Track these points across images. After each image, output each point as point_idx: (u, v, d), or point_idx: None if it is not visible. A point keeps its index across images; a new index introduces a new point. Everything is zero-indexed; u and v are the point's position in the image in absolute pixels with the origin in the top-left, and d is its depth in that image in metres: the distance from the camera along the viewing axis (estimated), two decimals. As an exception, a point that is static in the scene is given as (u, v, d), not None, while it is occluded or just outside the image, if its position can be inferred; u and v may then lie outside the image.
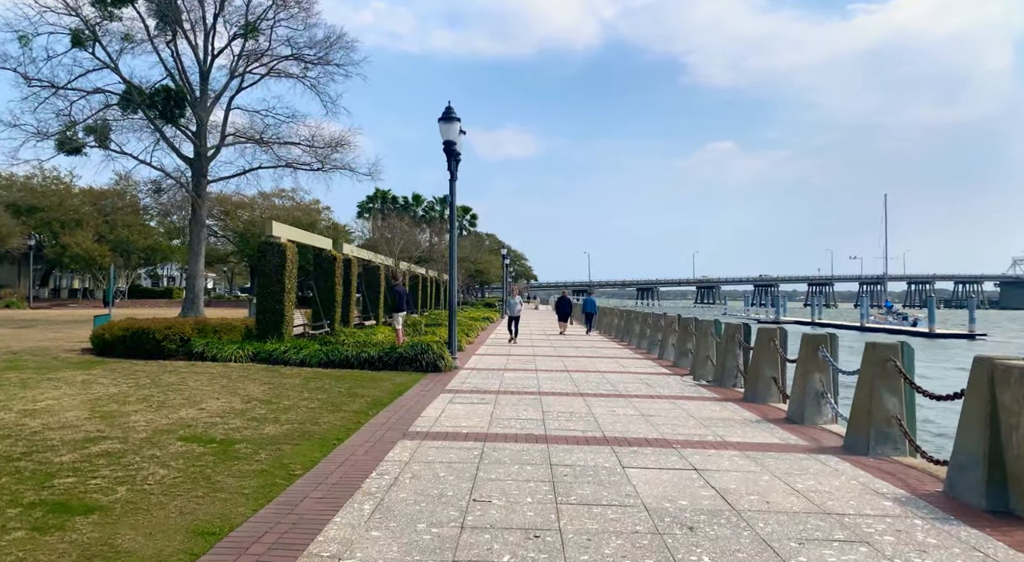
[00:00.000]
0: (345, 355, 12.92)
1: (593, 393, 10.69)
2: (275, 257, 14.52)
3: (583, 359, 16.68)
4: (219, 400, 8.78)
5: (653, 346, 18.62)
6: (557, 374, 13.24)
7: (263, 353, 13.24)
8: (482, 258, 75.35)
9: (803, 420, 8.34)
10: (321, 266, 18.33)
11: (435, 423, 7.88)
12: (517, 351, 18.69)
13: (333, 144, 29.23)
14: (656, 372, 14.21)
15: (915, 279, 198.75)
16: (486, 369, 13.92)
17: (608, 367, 14.88)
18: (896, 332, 53.81)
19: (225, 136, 28.33)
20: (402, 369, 12.80)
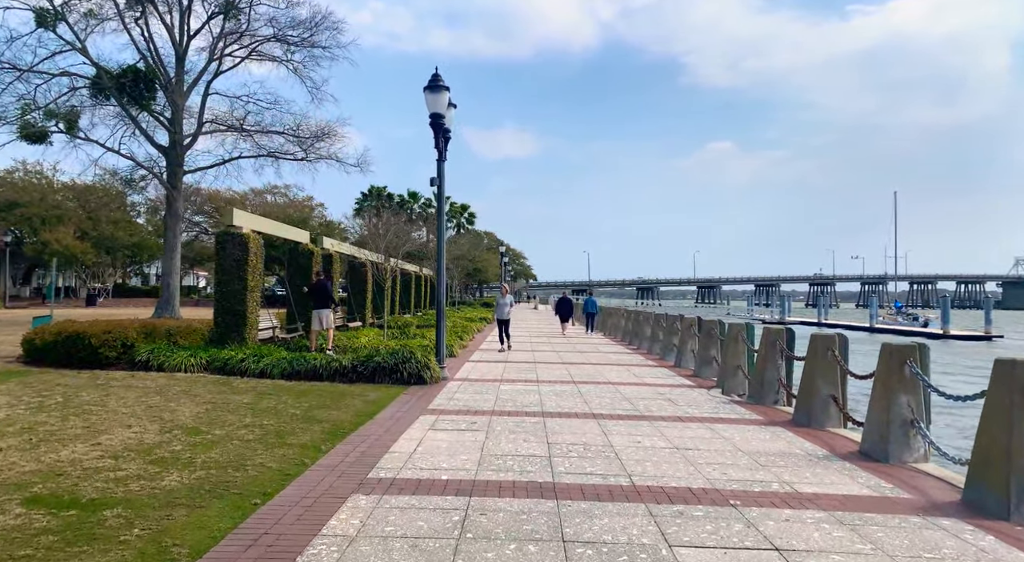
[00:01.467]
0: (312, 365, 10.97)
1: (608, 414, 8.75)
2: (236, 250, 12.58)
3: (590, 367, 14.75)
4: (130, 429, 6.83)
5: (668, 352, 16.70)
6: (562, 386, 11.31)
7: (218, 362, 11.30)
8: (480, 256, 73.35)
9: (887, 456, 6.41)
10: (296, 262, 16.39)
11: (406, 463, 5.95)
12: (516, 357, 16.75)
13: (319, 133, 27.28)
14: (676, 384, 12.27)
15: (917, 279, 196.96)
16: (479, 380, 11.99)
17: (620, 377, 12.94)
18: (908, 334, 51.95)
19: (202, 123, 26.34)
20: (380, 381, 10.87)
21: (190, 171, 27.02)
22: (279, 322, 15.72)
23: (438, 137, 11.68)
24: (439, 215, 12.01)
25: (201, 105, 26.36)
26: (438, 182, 11.93)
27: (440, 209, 12.02)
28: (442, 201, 12.02)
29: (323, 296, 15.34)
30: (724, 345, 12.01)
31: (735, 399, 10.52)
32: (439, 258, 12.02)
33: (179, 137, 25.94)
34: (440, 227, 12.03)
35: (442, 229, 12.03)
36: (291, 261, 16.58)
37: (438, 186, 11.97)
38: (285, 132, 27.46)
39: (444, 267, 11.96)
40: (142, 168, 25.80)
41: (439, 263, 12.01)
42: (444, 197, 12.03)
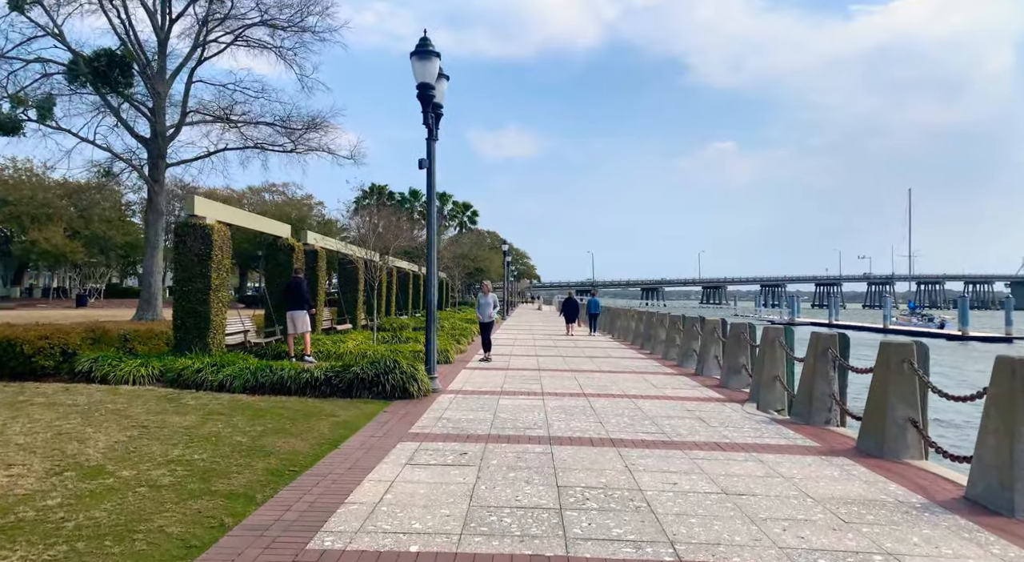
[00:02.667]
0: (279, 376, 9.38)
1: (630, 439, 7.14)
2: (198, 243, 11.01)
3: (601, 375, 13.13)
4: (8, 470, 5.24)
5: (687, 358, 15.07)
6: (572, 401, 9.70)
7: (171, 372, 9.72)
8: (483, 256, 71.77)
9: (1013, 508, 4.79)
10: (275, 258, 14.81)
11: (365, 522, 4.35)
12: (518, 363, 15.14)
13: (310, 124, 25.72)
14: (703, 397, 10.64)
15: (924, 279, 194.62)
16: (476, 392, 10.39)
17: (637, 388, 11.32)
18: (924, 335, 50.19)
19: (186, 113, 24.82)
20: (358, 396, 9.27)
21: (173, 164, 25.49)
22: (255, 325, 14.15)
23: (427, 112, 10.09)
24: (429, 202, 10.41)
25: (184, 93, 24.85)
26: (427, 164, 10.34)
27: (430, 195, 10.42)
28: (432, 185, 10.42)
29: (297, 296, 13.77)
30: (758, 352, 10.38)
31: (776, 417, 8.89)
32: (429, 251, 10.43)
33: (161, 127, 24.42)
34: (430, 216, 10.44)
35: (432, 219, 10.44)
36: (269, 258, 15.01)
37: (427, 169, 10.38)
38: (275, 123, 25.93)
39: (435, 262, 10.37)
40: (120, 160, 24.27)
41: (429, 257, 10.41)
42: (434, 182, 10.43)
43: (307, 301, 13.91)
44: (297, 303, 13.85)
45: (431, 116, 10.26)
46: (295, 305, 13.85)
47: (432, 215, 10.44)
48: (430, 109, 10.10)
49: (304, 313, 13.81)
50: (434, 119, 10.36)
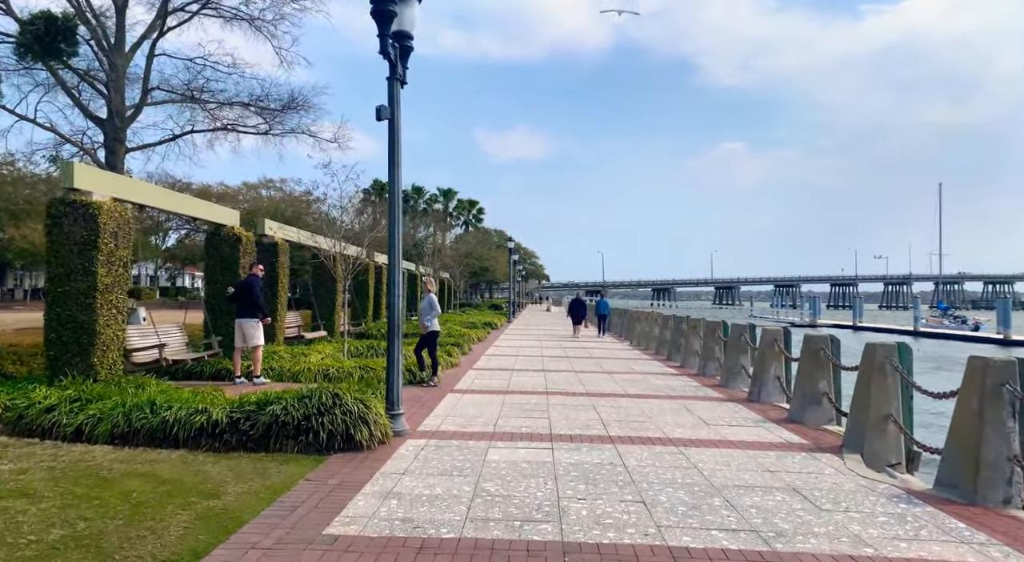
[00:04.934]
0: (163, 418, 6.36)
1: (702, 548, 4.10)
2: (79, 228, 8.04)
3: (629, 402, 10.07)
4: None
5: (734, 376, 11.97)
6: (595, 452, 6.65)
7: (13, 411, 6.73)
8: (488, 255, 68.73)
9: None
10: (217, 252, 11.84)
11: None
12: (521, 382, 12.10)
13: (288, 103, 22.76)
14: (778, 442, 7.55)
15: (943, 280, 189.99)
16: (458, 435, 7.38)
17: (681, 425, 8.25)
18: (960, 339, 46.78)
19: (148, 91, 21.90)
20: (278, 448, 6.26)
21: (134, 148, 22.58)
22: (186, 337, 11.19)
23: (384, 35, 7.07)
24: (391, 167, 7.39)
25: (146, 68, 21.90)
26: (389, 113, 7.32)
27: (392, 157, 7.39)
28: (396, 143, 7.39)
29: (247, 301, 10.81)
30: (857, 380, 7.29)
31: (911, 487, 5.81)
32: (391, 235, 7.42)
33: (119, 106, 21.48)
34: (393, 186, 7.42)
35: (396, 190, 7.42)
36: (210, 251, 12.03)
37: (390, 121, 7.36)
38: (250, 103, 22.97)
39: (398, 247, 7.35)
40: (69, 143, 21.39)
41: (391, 243, 7.40)
42: (399, 139, 7.41)
43: (259, 307, 10.96)
44: (247, 309, 10.92)
45: (392, 46, 7.24)
46: (245, 312, 10.94)
47: (395, 188, 7.43)
48: (388, 33, 7.08)
49: (255, 322, 10.88)
50: (398, 52, 7.34)
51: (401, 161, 7.48)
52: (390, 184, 7.43)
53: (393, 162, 7.43)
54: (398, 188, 7.45)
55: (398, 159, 7.44)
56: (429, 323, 11.22)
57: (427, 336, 11.29)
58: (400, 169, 7.47)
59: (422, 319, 11.44)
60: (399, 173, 7.46)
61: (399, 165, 7.45)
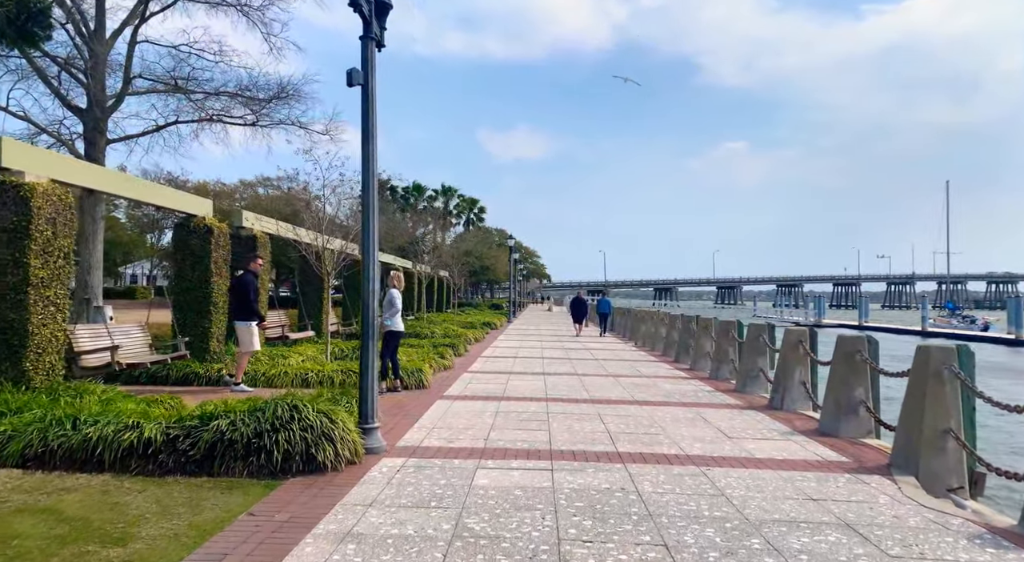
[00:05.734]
0: (85, 436, 5.32)
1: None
2: (9, 213, 7.00)
3: (638, 409, 9.04)
4: None
5: (752, 381, 10.93)
6: (601, 474, 5.62)
7: (-85, 426, 5.70)
8: (489, 253, 67.68)
9: None
10: (185, 245, 10.82)
11: None
12: (519, 387, 11.07)
13: (277, 92, 21.73)
14: (815, 460, 6.50)
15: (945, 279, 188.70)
16: (443, 452, 6.36)
17: (700, 439, 7.22)
18: (969, 339, 45.69)
19: (130, 79, 20.89)
20: (224, 471, 5.23)
21: (116, 140, 21.57)
22: (148, 336, 10.16)
23: (356, -14, 6.04)
24: (364, 140, 6.36)
25: (127, 55, 20.91)
26: (363, 78, 6.30)
27: (368, 130, 6.36)
28: (369, 115, 6.36)
29: (241, 301, 9.94)
30: (907, 390, 6.25)
31: (992, 523, 4.77)
32: (365, 221, 6.39)
33: (100, 96, 20.48)
34: (367, 163, 6.39)
35: (370, 167, 6.39)
36: (178, 244, 11.01)
37: (363, 86, 6.34)
38: (238, 93, 21.95)
39: (373, 239, 6.32)
40: (45, 133, 20.40)
41: (364, 231, 6.37)
42: (374, 110, 6.38)
43: (252, 309, 9.95)
44: (240, 311, 9.97)
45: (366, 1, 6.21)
46: (238, 313, 10.00)
47: (370, 161, 6.40)
48: (362, -17, 6.05)
49: (248, 325, 9.88)
50: (373, 7, 6.30)
51: (376, 134, 6.45)
52: (364, 160, 6.40)
53: (368, 134, 6.40)
54: (373, 165, 6.42)
55: (373, 131, 6.42)
56: (388, 322, 10.07)
57: (385, 337, 10.13)
58: (375, 143, 6.44)
59: (386, 315, 10.24)
60: (374, 148, 6.43)
61: (374, 138, 6.42)
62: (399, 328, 10.26)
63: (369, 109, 6.38)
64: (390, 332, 10.07)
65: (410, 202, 69.59)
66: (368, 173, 6.41)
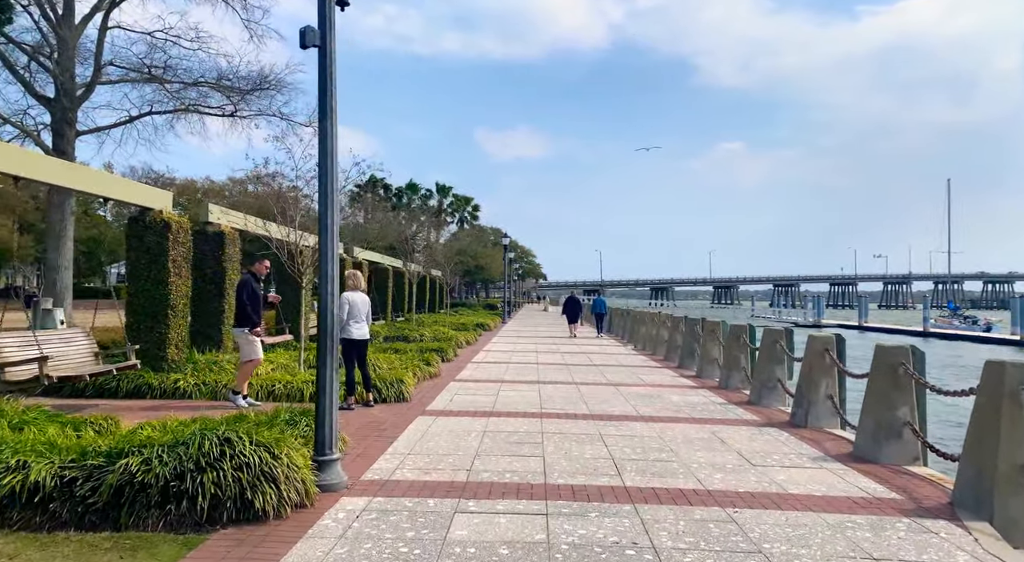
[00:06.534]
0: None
1: None
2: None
3: (645, 428, 8.00)
4: None
5: (769, 391, 9.90)
6: (607, 516, 4.58)
7: None
8: (484, 252, 66.59)
9: None
10: (141, 240, 9.72)
11: None
12: (510, 399, 10.02)
13: (258, 82, 20.65)
14: (863, 498, 5.46)
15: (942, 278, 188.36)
16: (416, 488, 5.31)
17: (721, 467, 6.18)
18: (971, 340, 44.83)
19: (101, 67, 19.79)
20: (135, 524, 4.15)
21: (86, 131, 20.48)
22: (95, 344, 9.07)
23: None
24: (323, 114, 5.30)
25: (98, 42, 19.82)
26: (319, 39, 5.23)
27: (327, 102, 5.29)
28: (329, 80, 5.29)
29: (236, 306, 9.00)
30: (972, 415, 5.22)
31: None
32: (322, 208, 5.33)
33: (68, 85, 19.39)
34: (327, 141, 5.32)
35: (330, 145, 5.32)
36: (131, 241, 9.91)
37: (320, 48, 5.27)
38: (218, 83, 20.85)
39: (332, 228, 5.27)
40: (8, 124, 19.28)
41: (322, 218, 5.32)
42: (333, 73, 5.31)
43: (247, 315, 8.83)
44: (237, 317, 8.93)
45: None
46: (236, 320, 8.97)
47: (330, 139, 5.33)
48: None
49: (242, 332, 8.81)
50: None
51: (337, 108, 5.39)
52: (321, 139, 5.33)
53: (326, 108, 5.33)
54: (333, 145, 5.35)
55: (333, 104, 5.35)
56: (357, 327, 8.93)
57: (353, 344, 9.01)
58: (335, 119, 5.37)
59: (355, 321, 9.04)
60: (334, 125, 5.36)
61: (334, 113, 5.36)
62: (355, 335, 8.99)
63: (328, 77, 5.31)
64: (343, 341, 8.89)
65: (403, 200, 68.48)
66: (327, 156, 5.34)
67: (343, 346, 8.89)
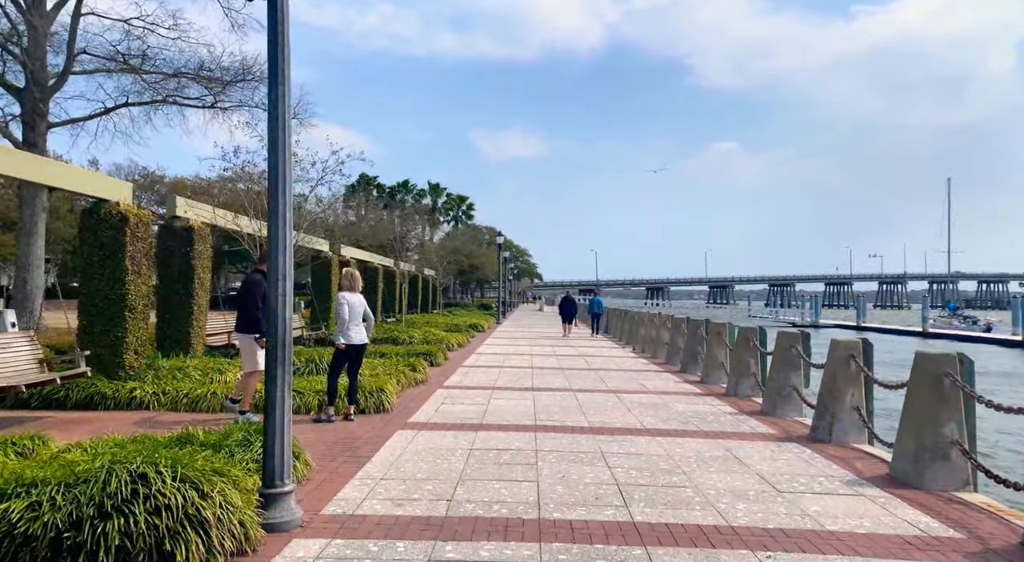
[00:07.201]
0: None
1: None
2: None
3: (648, 440, 7.15)
4: None
5: (785, 400, 9.04)
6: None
7: None
8: (479, 252, 65.69)
9: None
10: (95, 235, 8.83)
11: None
12: (503, 404, 9.15)
13: (242, 74, 19.73)
14: (920, 537, 4.61)
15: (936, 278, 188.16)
16: (388, 523, 4.45)
17: (742, 494, 5.33)
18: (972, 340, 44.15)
19: (74, 55, 18.85)
20: (17, 584, 3.29)
21: (59, 123, 19.54)
22: (39, 350, 8.16)
23: None
24: (274, 86, 4.43)
25: (71, 29, 18.87)
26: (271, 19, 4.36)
27: (276, 69, 4.43)
28: (281, 43, 4.43)
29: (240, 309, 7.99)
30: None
31: None
32: (273, 202, 4.46)
33: (39, 74, 18.44)
34: (276, 122, 4.44)
35: (280, 126, 4.44)
36: (84, 235, 9.01)
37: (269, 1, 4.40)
38: (198, 74, 19.92)
39: (284, 211, 4.41)
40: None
41: (273, 213, 4.45)
42: (285, 36, 4.44)
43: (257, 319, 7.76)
44: (240, 321, 7.86)
45: None
46: (239, 324, 7.89)
47: (280, 104, 4.46)
48: None
49: (248, 338, 7.78)
50: None
51: (290, 74, 4.52)
52: (271, 104, 4.46)
53: (277, 73, 4.46)
54: (285, 118, 4.48)
55: (285, 69, 4.48)
56: (340, 335, 8.06)
57: (337, 354, 8.16)
58: (288, 83, 4.50)
59: (353, 324, 8.17)
60: (287, 93, 4.49)
61: (287, 79, 4.49)
62: (356, 340, 8.15)
63: (279, 34, 4.44)
64: (348, 346, 8.03)
65: (396, 199, 67.52)
66: (278, 128, 4.47)
67: (337, 351, 8.05)
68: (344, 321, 7.95)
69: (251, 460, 4.99)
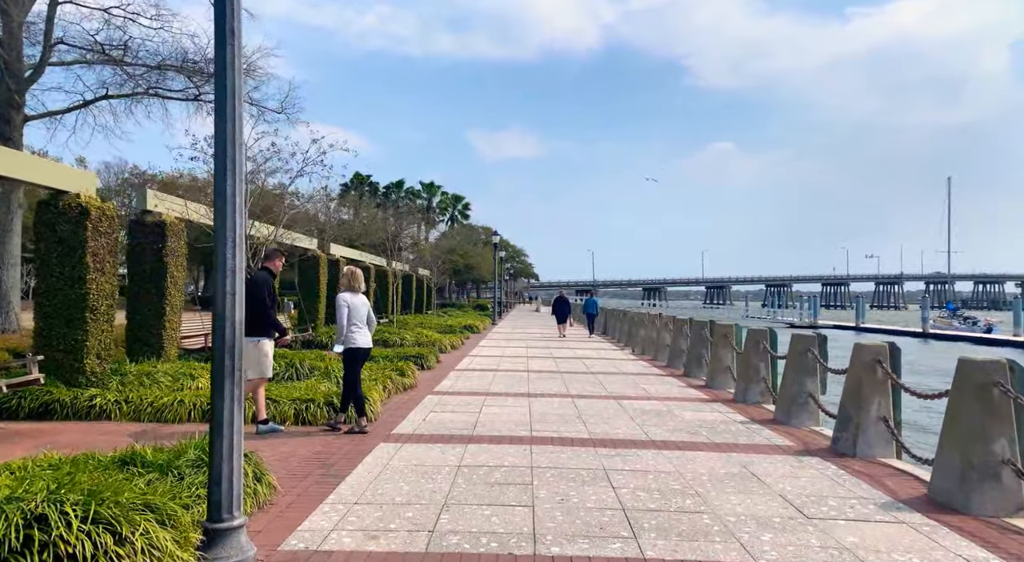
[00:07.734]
0: None
1: None
2: None
3: (655, 454, 6.48)
4: None
5: (800, 409, 8.37)
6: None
7: None
8: (475, 252, 64.95)
9: None
10: (52, 230, 8.12)
11: None
12: (497, 412, 8.47)
13: (226, 64, 19.00)
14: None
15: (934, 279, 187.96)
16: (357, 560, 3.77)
17: (757, 516, 4.66)
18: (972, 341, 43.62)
19: (51, 45, 18.11)
20: None
21: (36, 117, 18.80)
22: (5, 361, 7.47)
23: None
24: (221, 46, 3.75)
25: (48, 17, 18.14)
26: None
27: (224, 25, 3.75)
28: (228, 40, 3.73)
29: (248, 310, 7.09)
30: None
31: None
32: (218, 182, 3.77)
33: (15, 65, 17.71)
34: (224, 84, 3.75)
35: (229, 90, 3.76)
36: (41, 229, 8.30)
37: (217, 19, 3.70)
38: (181, 66, 19.19)
39: (234, 196, 3.72)
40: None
41: (218, 196, 3.76)
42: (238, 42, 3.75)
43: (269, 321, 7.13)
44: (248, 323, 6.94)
45: None
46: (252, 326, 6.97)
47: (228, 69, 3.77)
48: None
49: (258, 342, 6.98)
50: None
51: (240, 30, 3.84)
52: (217, 69, 3.78)
53: (224, 28, 3.77)
54: (236, 81, 3.80)
55: (235, 24, 3.79)
56: (340, 340, 7.38)
57: (349, 359, 7.47)
58: (239, 43, 3.82)
59: (358, 328, 7.48)
60: (237, 53, 3.81)
61: (236, 35, 3.80)
62: (360, 343, 7.46)
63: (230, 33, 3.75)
64: (347, 351, 7.36)
65: (391, 199, 66.76)
66: (226, 91, 3.78)
67: (347, 356, 7.38)
68: (343, 325, 7.26)
69: (201, 484, 4.31)
